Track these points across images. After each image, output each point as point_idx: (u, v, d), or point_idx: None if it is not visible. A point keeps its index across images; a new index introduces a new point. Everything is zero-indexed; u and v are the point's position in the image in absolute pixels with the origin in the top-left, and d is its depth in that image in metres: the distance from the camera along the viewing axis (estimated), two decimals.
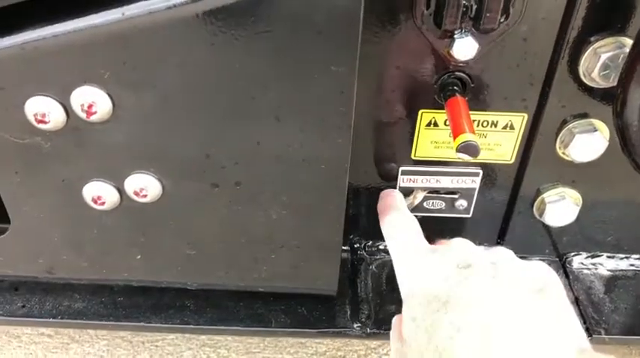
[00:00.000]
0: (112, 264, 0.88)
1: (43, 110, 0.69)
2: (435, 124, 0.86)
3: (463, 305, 0.61)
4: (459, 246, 0.73)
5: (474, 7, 0.73)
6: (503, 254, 0.71)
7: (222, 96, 0.69)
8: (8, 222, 0.84)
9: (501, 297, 0.62)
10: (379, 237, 1.02)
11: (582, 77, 0.79)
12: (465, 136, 0.74)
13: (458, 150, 0.74)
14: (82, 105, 0.69)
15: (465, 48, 0.75)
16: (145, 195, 0.77)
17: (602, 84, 0.78)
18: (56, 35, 0.65)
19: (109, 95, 0.68)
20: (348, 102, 0.69)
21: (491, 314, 0.60)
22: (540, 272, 0.67)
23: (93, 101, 0.68)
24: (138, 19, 0.63)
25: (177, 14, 0.63)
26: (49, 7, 0.64)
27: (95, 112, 0.69)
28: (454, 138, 0.75)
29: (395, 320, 0.73)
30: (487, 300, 0.61)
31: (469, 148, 0.73)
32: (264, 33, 0.63)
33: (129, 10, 0.63)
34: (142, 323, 0.92)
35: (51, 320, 0.92)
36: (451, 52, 0.76)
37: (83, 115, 0.69)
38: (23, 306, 0.93)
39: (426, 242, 0.78)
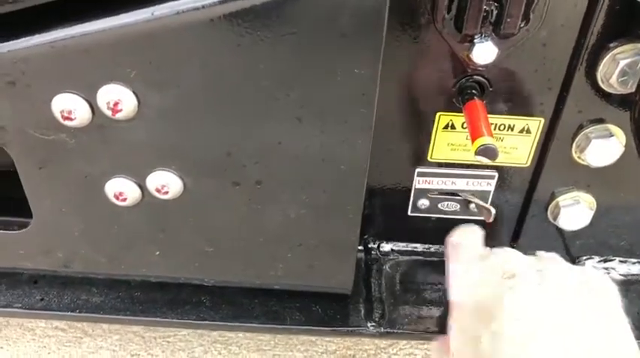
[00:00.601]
0: (130, 260, 0.89)
1: (69, 107, 0.71)
2: (453, 127, 0.87)
3: (508, 316, 0.62)
4: (504, 255, 0.72)
5: (495, 12, 0.73)
6: (550, 260, 0.71)
7: (245, 97, 0.70)
8: (30, 216, 0.85)
9: (547, 305, 0.62)
10: (393, 237, 1.04)
11: (600, 83, 0.79)
12: (484, 139, 0.75)
13: (477, 153, 0.75)
14: (108, 103, 0.70)
15: (484, 52, 0.76)
16: (167, 192, 0.78)
17: (619, 90, 0.79)
18: (85, 34, 0.66)
19: (135, 93, 0.70)
20: (369, 104, 0.70)
21: (537, 323, 0.60)
22: (589, 277, 0.66)
23: (119, 99, 0.70)
24: (166, 19, 0.64)
25: (204, 15, 0.64)
26: (80, 6, 0.65)
27: (121, 110, 0.70)
28: (472, 141, 0.76)
29: (439, 339, 0.73)
30: (532, 309, 0.62)
31: (488, 151, 0.74)
32: (289, 35, 0.64)
33: (158, 10, 0.64)
34: (158, 318, 0.93)
35: (69, 313, 0.93)
36: (471, 56, 0.76)
37: (109, 113, 0.70)
38: (42, 299, 0.95)
39: (482, 249, 0.77)
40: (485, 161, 0.75)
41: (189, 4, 0.64)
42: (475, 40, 0.76)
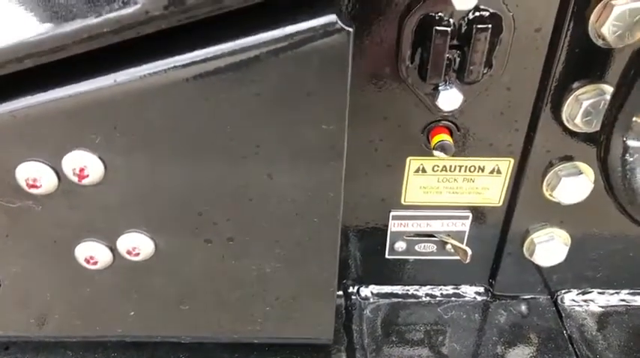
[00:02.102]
0: (105, 321, 0.87)
1: (34, 175, 0.69)
2: (424, 170, 0.88)
3: None
4: None
5: (457, 59, 0.74)
6: None
7: (213, 156, 0.70)
8: None
9: None
10: (372, 281, 1.03)
11: (566, 122, 0.81)
12: (441, 136, 0.80)
13: (434, 148, 0.80)
14: (74, 170, 0.69)
15: (449, 99, 0.76)
16: (138, 253, 0.77)
17: (585, 129, 0.80)
18: (47, 102, 0.65)
19: (101, 158, 0.69)
20: (338, 156, 0.70)
21: None
22: None
23: (84, 165, 0.69)
24: (129, 85, 0.64)
25: (168, 79, 0.63)
26: (43, 73, 0.64)
27: (87, 176, 0.69)
28: (432, 141, 0.81)
29: None
30: None
31: (444, 146, 0.80)
32: (255, 96, 0.64)
33: (120, 77, 0.64)
34: None
35: None
36: (436, 103, 0.77)
37: (75, 179, 0.69)
38: None
39: None
40: (443, 155, 0.80)
41: (152, 69, 0.63)
42: (440, 88, 0.76)
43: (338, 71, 0.63)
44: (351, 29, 0.60)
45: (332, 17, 0.60)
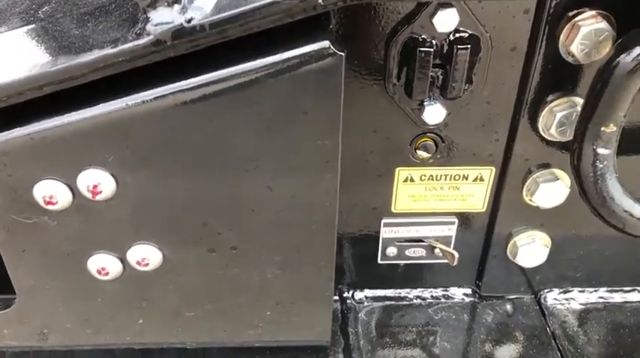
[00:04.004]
0: (114, 330, 0.92)
1: (51, 193, 0.75)
2: (412, 180, 0.94)
3: None
4: None
5: (441, 77, 0.81)
6: None
7: (217, 171, 0.75)
8: (12, 293, 0.88)
9: None
10: (366, 285, 1.09)
11: (542, 132, 0.87)
12: (423, 138, 0.88)
13: (417, 148, 0.88)
14: (88, 187, 0.74)
15: (434, 114, 0.83)
16: (147, 264, 0.82)
17: (559, 138, 0.86)
18: (64, 125, 0.70)
19: (113, 176, 0.74)
20: (333, 169, 0.76)
21: None
22: None
23: (98, 182, 0.74)
24: (139, 107, 0.69)
25: (175, 101, 0.69)
26: (60, 97, 0.69)
27: (100, 192, 0.74)
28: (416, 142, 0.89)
29: None
30: None
31: (427, 146, 0.88)
32: (255, 115, 0.70)
33: (131, 100, 0.69)
34: None
35: None
36: (422, 117, 0.83)
37: (89, 195, 0.75)
38: None
39: None
40: (426, 155, 0.88)
41: (161, 93, 0.69)
42: (425, 103, 0.83)
43: (332, 92, 0.69)
44: (343, 54, 0.66)
45: (325, 43, 0.66)
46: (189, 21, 0.62)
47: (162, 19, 0.62)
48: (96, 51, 0.64)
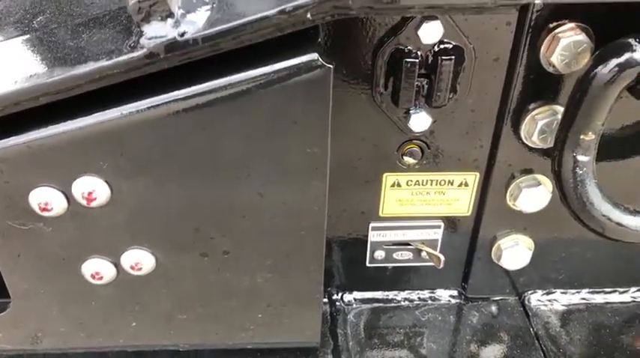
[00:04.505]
0: (108, 333, 0.94)
1: (46, 199, 0.76)
2: (399, 185, 0.96)
3: None
4: None
5: (426, 86, 0.83)
6: None
7: (210, 178, 0.77)
8: (7, 297, 0.90)
9: None
10: (354, 287, 1.11)
11: (524, 140, 0.90)
12: (409, 144, 0.91)
13: (404, 154, 0.91)
14: (83, 193, 0.76)
15: (420, 122, 0.85)
16: (140, 268, 0.84)
17: (541, 145, 0.89)
18: (59, 133, 0.72)
19: (107, 183, 0.76)
20: (322, 175, 0.78)
21: None
22: None
23: (93, 189, 0.76)
24: (133, 116, 0.71)
25: (169, 110, 0.71)
26: (56, 107, 0.71)
27: (95, 199, 0.76)
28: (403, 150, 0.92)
29: None
30: None
31: (413, 152, 0.91)
32: (246, 125, 0.72)
33: (126, 109, 0.71)
34: None
35: None
36: (408, 125, 0.86)
37: (84, 202, 0.77)
38: None
39: None
40: (412, 161, 0.91)
41: (155, 102, 0.71)
42: (411, 112, 0.85)
43: (320, 102, 0.72)
44: (331, 66, 0.69)
45: (314, 55, 0.69)
46: (182, 35, 0.64)
47: (156, 32, 0.64)
48: (91, 63, 0.66)
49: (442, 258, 1.01)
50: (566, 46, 0.79)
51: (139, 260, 0.84)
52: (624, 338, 1.05)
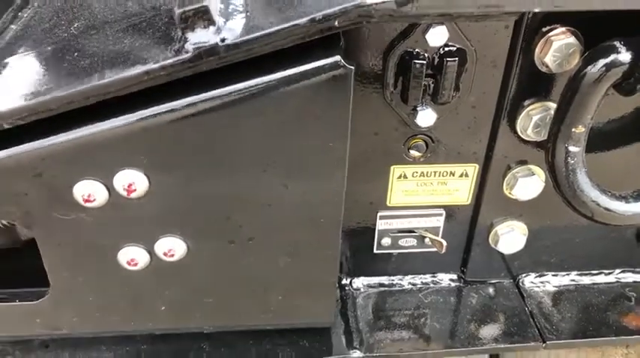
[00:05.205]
0: (139, 317, 1.01)
1: (89, 191, 0.83)
2: (405, 176, 1.04)
3: None
4: None
5: (432, 85, 0.92)
6: None
7: (239, 170, 0.85)
8: (45, 285, 0.96)
9: None
10: (362, 273, 1.19)
11: (520, 133, 0.98)
12: (415, 139, 0.99)
13: (410, 148, 0.98)
14: (124, 185, 0.83)
15: (426, 118, 0.94)
16: (173, 255, 0.91)
17: (535, 138, 0.98)
18: (104, 130, 0.79)
19: (147, 176, 0.83)
20: (342, 168, 0.86)
21: None
22: None
23: (133, 181, 0.83)
24: (171, 115, 0.79)
25: (203, 109, 0.78)
26: (102, 106, 0.78)
27: (135, 190, 0.83)
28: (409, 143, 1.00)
29: None
30: None
31: (418, 147, 0.99)
32: (275, 120, 0.80)
33: (163, 108, 0.78)
34: None
35: None
36: (415, 121, 0.94)
37: (124, 193, 0.83)
38: None
39: None
40: (418, 154, 0.99)
41: (191, 101, 0.78)
42: (418, 109, 0.94)
43: (342, 99, 0.79)
44: (352, 67, 0.77)
45: (337, 57, 0.77)
46: (223, 40, 0.71)
47: (200, 39, 0.71)
48: (139, 66, 0.73)
49: (444, 243, 1.09)
50: (558, 48, 0.87)
51: (172, 247, 0.91)
52: (610, 315, 1.14)
